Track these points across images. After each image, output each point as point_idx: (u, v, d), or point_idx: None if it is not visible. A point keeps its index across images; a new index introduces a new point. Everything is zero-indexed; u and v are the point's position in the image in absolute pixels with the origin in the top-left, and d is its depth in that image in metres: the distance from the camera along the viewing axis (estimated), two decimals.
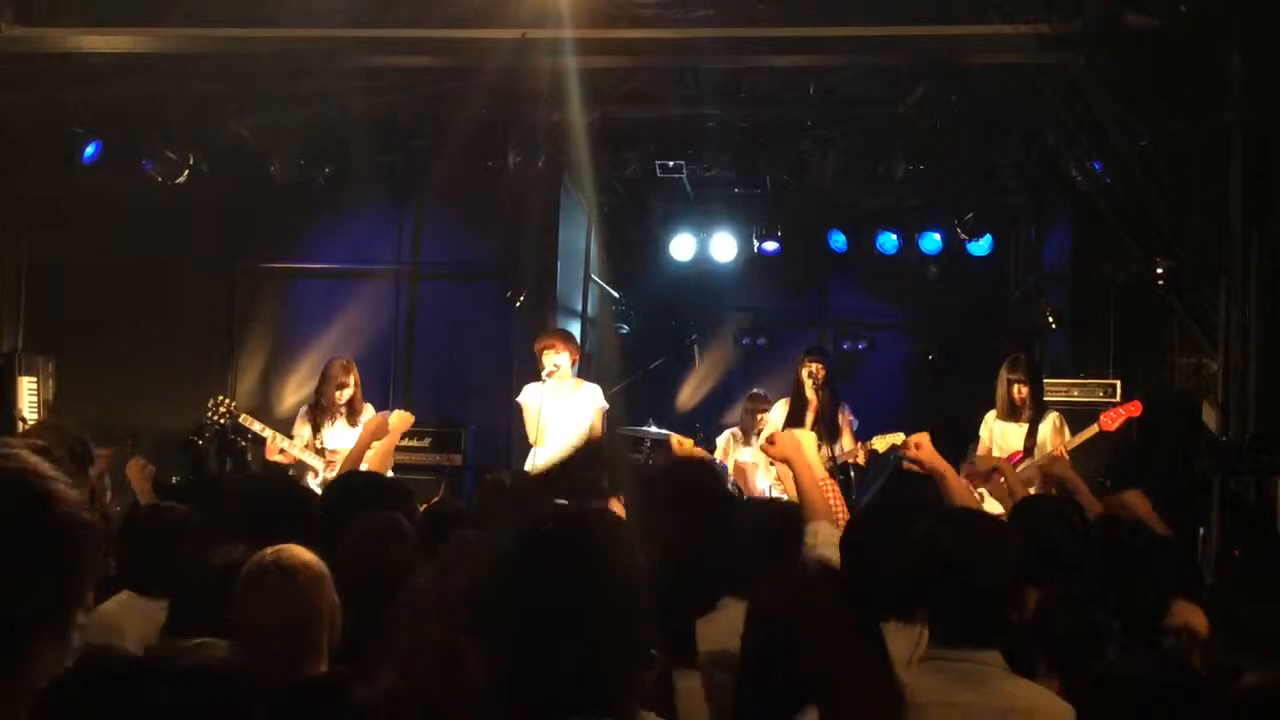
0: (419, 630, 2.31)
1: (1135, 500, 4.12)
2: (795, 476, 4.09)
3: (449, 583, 2.36)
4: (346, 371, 7.20)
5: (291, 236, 10.17)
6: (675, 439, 5.45)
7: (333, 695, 2.63)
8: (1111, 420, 6.75)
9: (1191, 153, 7.01)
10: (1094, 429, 6.73)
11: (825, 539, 3.51)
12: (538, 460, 6.97)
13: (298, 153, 9.17)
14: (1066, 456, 6.53)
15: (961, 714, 2.40)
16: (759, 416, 8.56)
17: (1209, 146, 6.86)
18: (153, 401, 9.00)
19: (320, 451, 7.01)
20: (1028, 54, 6.90)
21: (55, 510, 1.31)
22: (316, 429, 7.13)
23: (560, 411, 7.10)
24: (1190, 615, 2.82)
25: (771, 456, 4.49)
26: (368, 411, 7.19)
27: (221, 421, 7.16)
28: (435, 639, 2.26)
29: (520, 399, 7.27)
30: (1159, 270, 7.11)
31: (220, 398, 7.25)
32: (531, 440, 7.18)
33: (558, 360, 7.09)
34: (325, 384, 7.22)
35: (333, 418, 7.14)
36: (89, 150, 8.99)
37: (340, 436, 7.08)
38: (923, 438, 4.21)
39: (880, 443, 7.16)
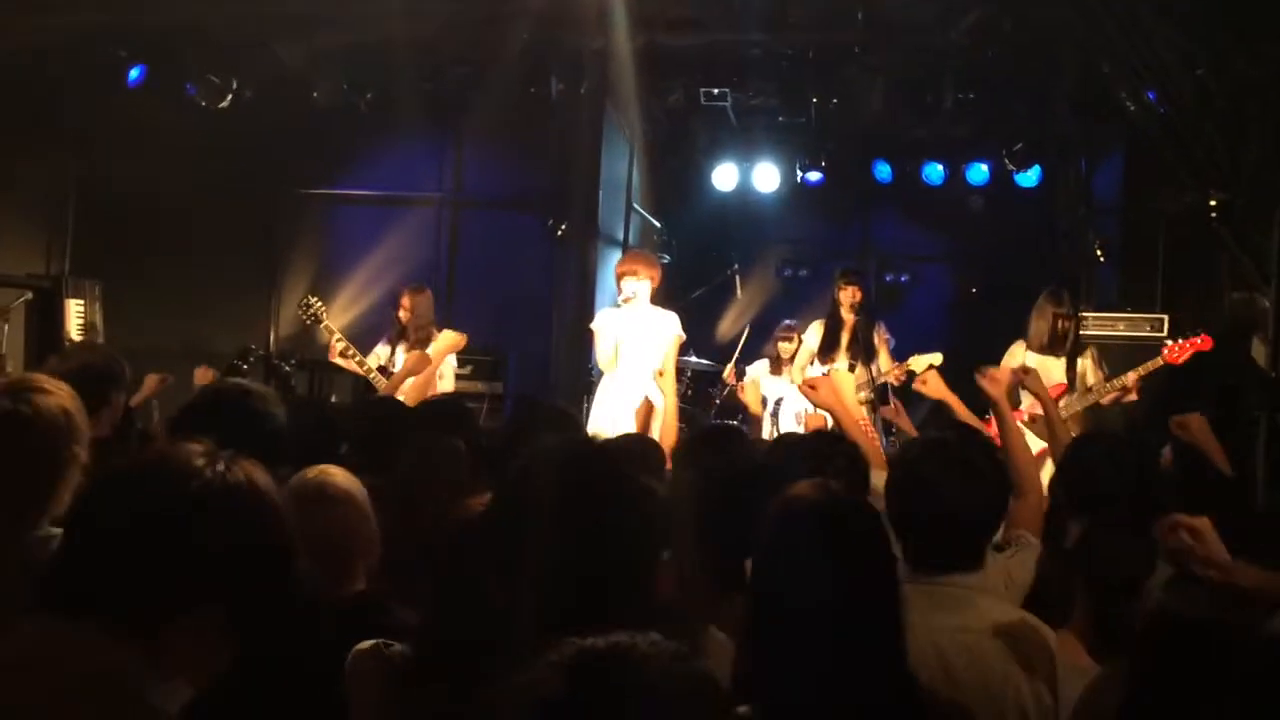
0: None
1: (1196, 424, 4.03)
2: (839, 425, 4.10)
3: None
4: (407, 294, 7.35)
5: (334, 163, 10.18)
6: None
7: (377, 613, 2.68)
8: (1178, 353, 6.49)
9: (1251, 84, 6.83)
10: (1158, 361, 6.48)
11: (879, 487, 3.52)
12: (610, 387, 6.81)
13: (340, 79, 9.16)
14: (1136, 383, 6.40)
15: (926, 634, 2.38)
16: (779, 345, 8.56)
17: (1269, 78, 6.69)
18: (197, 326, 9.10)
19: (385, 371, 7.13)
20: None
21: None
22: (392, 351, 7.29)
23: (636, 338, 6.86)
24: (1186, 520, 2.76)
25: (813, 401, 4.53)
26: (441, 339, 7.27)
27: (308, 321, 7.30)
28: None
29: (594, 325, 7.05)
30: (1212, 202, 6.97)
31: (311, 298, 7.34)
32: (603, 366, 6.98)
33: (636, 288, 6.81)
34: (393, 308, 7.44)
35: (399, 340, 7.30)
36: (133, 75, 9.02)
37: (401, 360, 7.22)
38: (1002, 373, 4.21)
39: (917, 362, 7.06)
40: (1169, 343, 6.62)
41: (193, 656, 1.55)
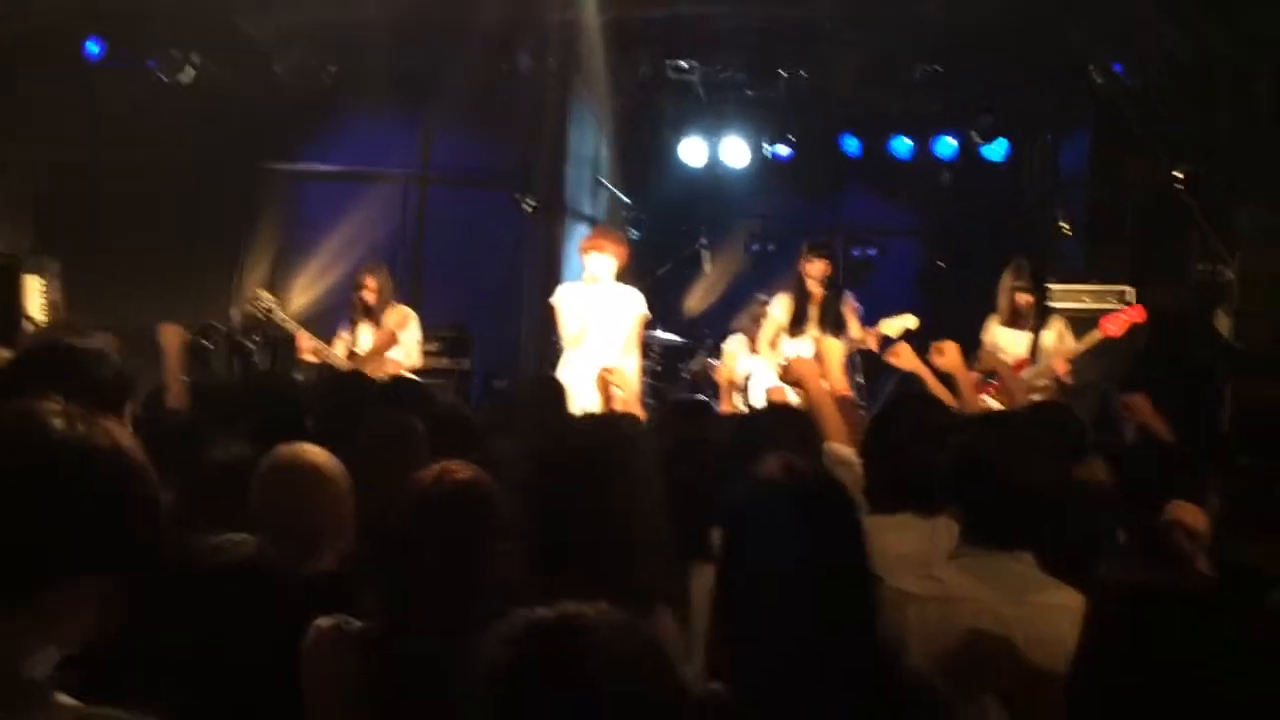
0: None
1: (1138, 404, 4.12)
2: (808, 398, 4.12)
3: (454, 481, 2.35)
4: (368, 274, 7.30)
5: (299, 138, 10.09)
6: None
7: (338, 593, 2.64)
8: (1115, 326, 6.54)
9: (1220, 56, 6.85)
10: (1096, 335, 6.55)
11: (835, 459, 3.54)
12: (574, 364, 6.68)
13: (306, 53, 9.05)
14: (1067, 368, 6.46)
15: (987, 606, 2.43)
16: (760, 320, 8.49)
17: (1239, 49, 6.71)
18: (160, 303, 8.95)
19: (353, 357, 7.08)
20: None
21: None
22: (354, 333, 7.24)
23: (601, 315, 6.78)
24: (1185, 513, 2.80)
25: (785, 383, 4.55)
26: (399, 314, 7.24)
27: (260, 316, 7.25)
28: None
29: (555, 300, 6.98)
30: (1180, 175, 6.99)
31: (263, 292, 7.30)
32: (565, 342, 6.89)
33: (601, 265, 6.73)
34: (352, 289, 7.38)
35: (361, 321, 7.23)
36: (93, 49, 8.88)
37: (368, 340, 7.17)
38: (949, 345, 4.25)
39: (890, 326, 7.03)
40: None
41: (67, 623, 1.52)
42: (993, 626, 2.41)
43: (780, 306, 7.56)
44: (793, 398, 4.72)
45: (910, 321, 6.95)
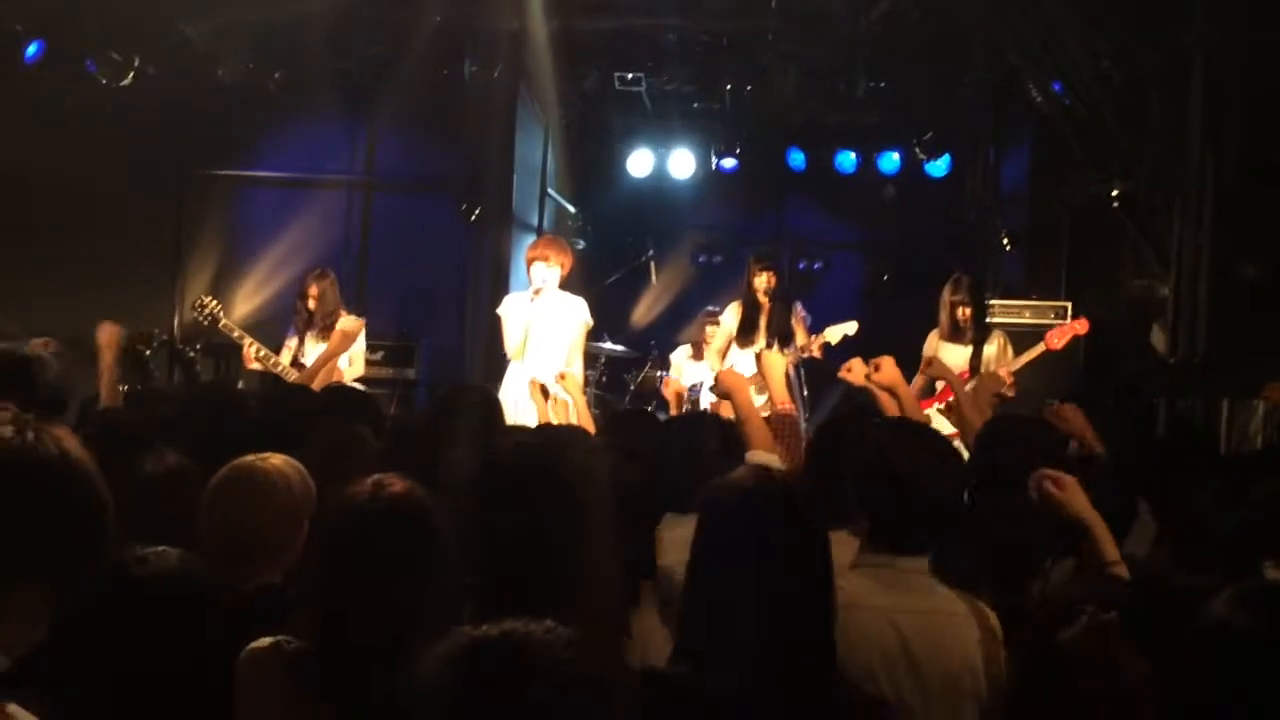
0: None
1: (1070, 414, 4.18)
2: (735, 409, 4.15)
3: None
4: (312, 281, 7.20)
5: (241, 143, 9.94)
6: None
7: (277, 609, 2.60)
8: (1058, 338, 6.68)
9: (1152, 74, 6.99)
10: (1040, 348, 6.65)
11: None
12: (519, 375, 6.62)
13: (247, 56, 8.94)
14: (1010, 380, 6.55)
15: (885, 614, 2.47)
16: (705, 330, 8.52)
17: (1170, 67, 6.85)
18: (100, 310, 8.76)
19: (298, 365, 6.96)
20: None
21: None
22: (301, 341, 7.13)
23: (545, 325, 6.74)
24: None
25: (716, 394, 4.60)
26: (351, 327, 7.11)
27: (205, 323, 7.09)
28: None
29: (502, 310, 6.92)
30: (1114, 192, 7.12)
31: (208, 298, 7.16)
32: (510, 354, 6.82)
33: (547, 275, 6.68)
34: (297, 296, 7.28)
35: (307, 329, 7.12)
36: (31, 50, 8.70)
37: (314, 348, 7.06)
38: (885, 360, 4.30)
39: (833, 334, 7.10)
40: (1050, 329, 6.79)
41: (14, 631, 1.50)
42: (890, 633, 2.45)
43: (731, 315, 7.65)
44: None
45: (851, 328, 7.02)
